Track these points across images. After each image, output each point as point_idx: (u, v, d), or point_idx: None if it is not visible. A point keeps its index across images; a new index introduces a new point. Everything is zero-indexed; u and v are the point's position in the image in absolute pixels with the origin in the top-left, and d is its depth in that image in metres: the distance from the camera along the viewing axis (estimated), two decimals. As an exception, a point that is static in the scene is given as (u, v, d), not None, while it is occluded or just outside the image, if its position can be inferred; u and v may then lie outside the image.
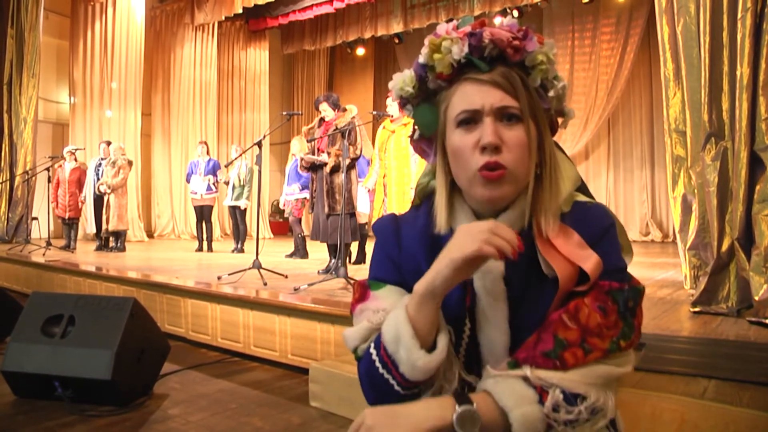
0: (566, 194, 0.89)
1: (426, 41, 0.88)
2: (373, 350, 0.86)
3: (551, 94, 0.87)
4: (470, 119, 0.85)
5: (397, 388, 0.83)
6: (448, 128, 0.88)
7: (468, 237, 0.79)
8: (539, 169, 0.87)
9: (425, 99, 0.92)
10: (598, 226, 0.87)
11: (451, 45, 0.85)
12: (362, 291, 0.95)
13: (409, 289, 0.90)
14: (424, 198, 0.98)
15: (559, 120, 0.93)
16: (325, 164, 4.79)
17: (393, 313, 0.85)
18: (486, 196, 0.85)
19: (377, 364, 0.84)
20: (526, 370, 0.80)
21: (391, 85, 0.93)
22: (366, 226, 5.76)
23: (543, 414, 0.77)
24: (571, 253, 0.84)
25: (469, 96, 0.85)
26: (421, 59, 0.89)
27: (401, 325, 0.81)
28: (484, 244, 0.77)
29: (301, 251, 6.83)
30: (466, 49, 0.85)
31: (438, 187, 0.92)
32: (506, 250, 0.77)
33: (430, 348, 0.82)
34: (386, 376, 0.83)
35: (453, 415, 0.77)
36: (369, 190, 5.49)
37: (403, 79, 0.92)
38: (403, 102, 0.93)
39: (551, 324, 0.82)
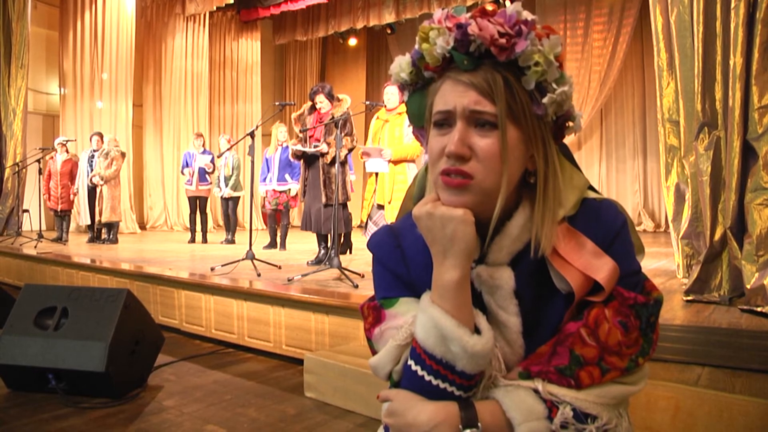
0: (570, 205, 0.83)
1: (420, 27, 0.82)
2: (415, 367, 0.78)
3: (545, 100, 0.77)
4: (444, 121, 0.78)
5: (458, 392, 0.77)
6: (431, 125, 0.82)
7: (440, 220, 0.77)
8: (533, 178, 0.80)
9: (422, 87, 0.85)
10: (611, 227, 0.82)
11: (437, 36, 0.78)
12: (375, 313, 0.87)
13: None
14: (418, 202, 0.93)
15: (569, 124, 0.83)
16: (323, 155, 4.75)
17: (421, 319, 0.78)
18: (447, 203, 0.77)
19: (428, 378, 0.77)
20: (538, 384, 0.76)
21: (391, 68, 0.87)
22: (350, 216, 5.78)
23: (551, 430, 0.75)
24: (585, 265, 0.78)
25: (445, 95, 0.78)
26: (416, 46, 0.82)
27: (441, 320, 0.75)
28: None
29: (278, 242, 6.81)
30: (451, 43, 0.77)
31: (428, 182, 0.85)
32: None
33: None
34: (443, 385, 0.77)
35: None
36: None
37: (400, 64, 0.85)
38: (401, 87, 0.88)
39: (568, 337, 0.77)
